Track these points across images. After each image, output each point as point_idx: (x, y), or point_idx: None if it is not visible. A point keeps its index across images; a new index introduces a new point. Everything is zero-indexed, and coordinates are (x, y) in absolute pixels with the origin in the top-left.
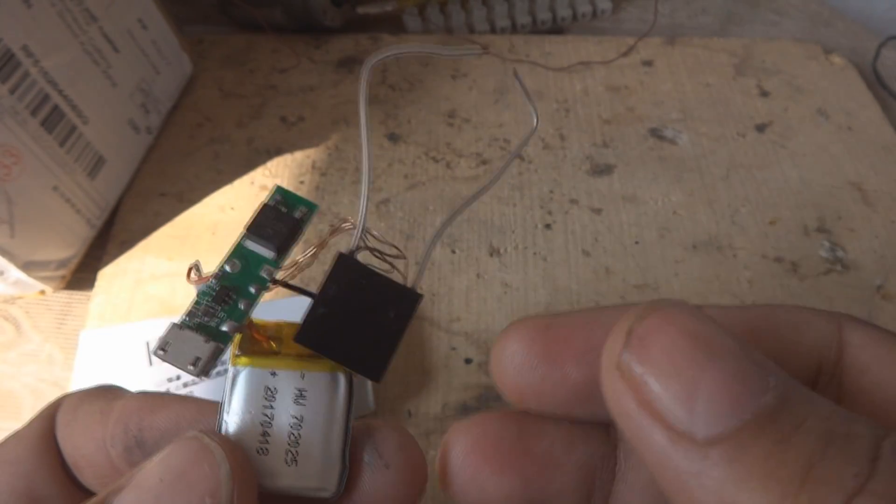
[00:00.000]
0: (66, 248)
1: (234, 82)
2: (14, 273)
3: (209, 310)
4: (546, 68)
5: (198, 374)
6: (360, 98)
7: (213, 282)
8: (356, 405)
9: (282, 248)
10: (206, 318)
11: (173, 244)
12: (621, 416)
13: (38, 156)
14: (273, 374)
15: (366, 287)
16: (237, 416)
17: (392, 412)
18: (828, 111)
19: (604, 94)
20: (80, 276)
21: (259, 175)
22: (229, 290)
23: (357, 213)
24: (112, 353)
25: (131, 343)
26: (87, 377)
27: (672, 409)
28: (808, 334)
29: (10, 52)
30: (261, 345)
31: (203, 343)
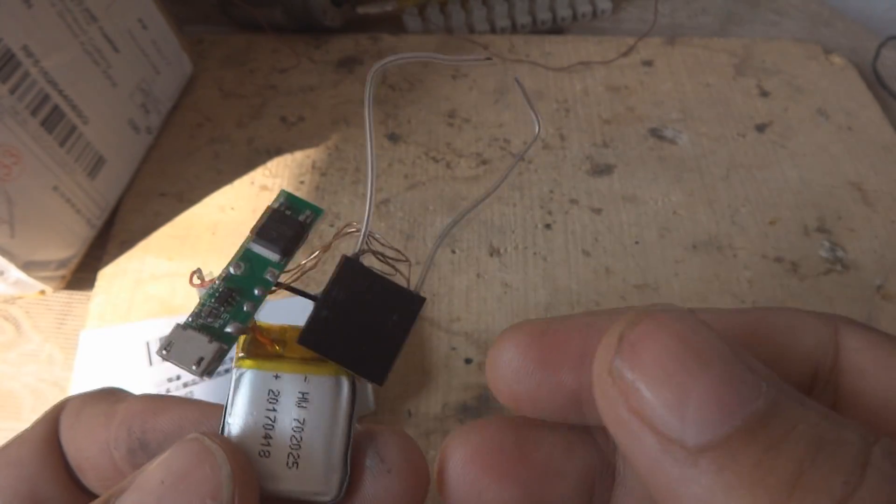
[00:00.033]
0: (66, 248)
1: (234, 82)
2: (14, 273)
3: (213, 311)
4: (546, 68)
5: (200, 375)
6: (366, 105)
7: (218, 283)
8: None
9: (286, 251)
10: (210, 320)
11: (173, 244)
12: (613, 423)
13: (38, 156)
14: (276, 376)
15: (369, 290)
16: (240, 419)
17: (392, 412)
18: (828, 111)
19: (604, 94)
20: (80, 276)
21: (259, 175)
22: (234, 292)
23: (359, 216)
24: (112, 353)
25: (131, 343)
26: (87, 377)
27: (663, 416)
28: (804, 338)
29: (10, 52)
30: (265, 348)
31: (206, 343)
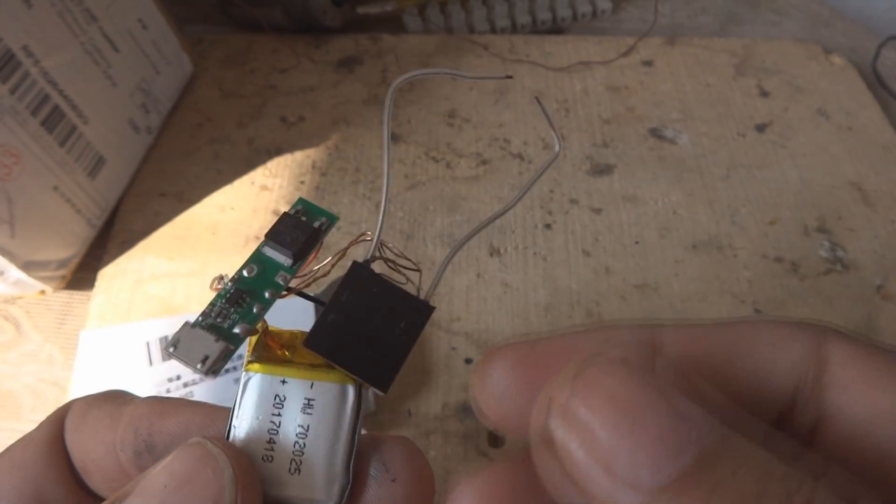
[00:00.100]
0: (67, 248)
1: (234, 82)
2: (14, 273)
3: (222, 311)
4: (546, 68)
5: (205, 373)
6: (384, 121)
7: (229, 284)
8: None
9: (298, 256)
10: (220, 320)
11: (173, 244)
12: (551, 487)
13: (38, 156)
14: (283, 381)
15: (378, 296)
16: (246, 422)
17: (392, 412)
18: (828, 111)
19: (604, 94)
20: (80, 276)
21: (259, 175)
22: (244, 294)
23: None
24: (112, 352)
25: (131, 343)
26: (87, 377)
27: (595, 479)
28: (787, 353)
29: (10, 52)
30: (274, 352)
31: (213, 342)
